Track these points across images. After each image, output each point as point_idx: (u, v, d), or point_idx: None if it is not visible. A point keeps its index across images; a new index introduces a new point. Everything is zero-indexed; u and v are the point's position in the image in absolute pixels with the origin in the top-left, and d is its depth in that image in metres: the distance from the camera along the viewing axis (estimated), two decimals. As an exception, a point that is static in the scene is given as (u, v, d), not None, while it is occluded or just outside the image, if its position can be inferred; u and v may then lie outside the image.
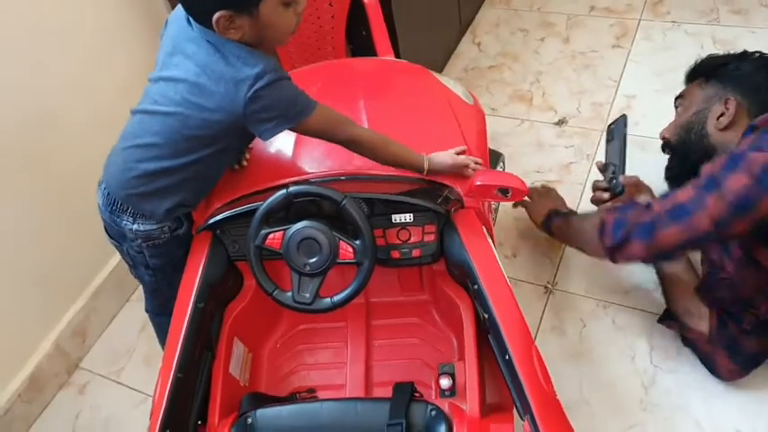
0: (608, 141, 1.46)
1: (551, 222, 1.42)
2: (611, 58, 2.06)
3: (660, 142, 1.41)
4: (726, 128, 1.27)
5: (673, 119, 1.41)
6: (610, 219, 1.16)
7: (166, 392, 1.02)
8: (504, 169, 1.58)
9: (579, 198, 1.68)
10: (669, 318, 1.36)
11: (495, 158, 1.43)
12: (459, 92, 1.32)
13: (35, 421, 1.55)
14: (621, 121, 1.44)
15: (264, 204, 1.02)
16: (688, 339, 1.34)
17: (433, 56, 2.02)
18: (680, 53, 1.99)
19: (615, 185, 1.37)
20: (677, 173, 1.38)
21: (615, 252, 1.15)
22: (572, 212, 1.44)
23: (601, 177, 1.44)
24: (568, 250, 1.58)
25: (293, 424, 1.07)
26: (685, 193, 1.10)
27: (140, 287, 1.73)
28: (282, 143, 1.20)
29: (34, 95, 1.42)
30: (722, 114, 1.27)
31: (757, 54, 1.32)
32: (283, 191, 1.01)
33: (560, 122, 1.56)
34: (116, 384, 1.58)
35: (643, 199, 1.39)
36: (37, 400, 1.56)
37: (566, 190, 1.70)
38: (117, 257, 1.69)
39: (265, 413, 1.07)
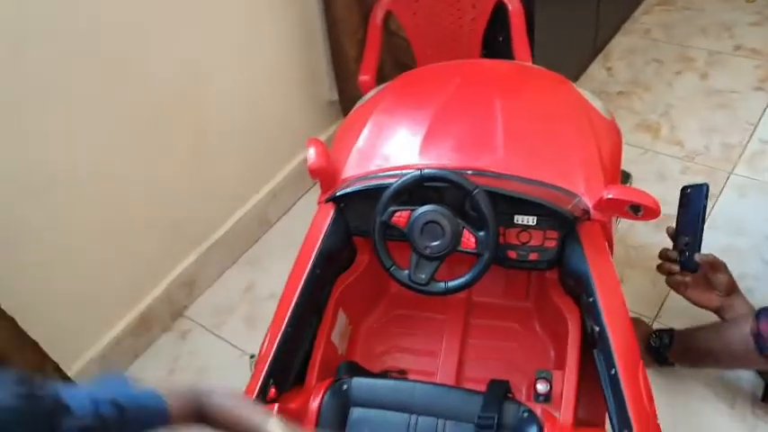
0: (681, 206, 1.35)
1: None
2: (752, 100, 1.97)
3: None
4: None
5: None
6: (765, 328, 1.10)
7: (276, 344, 1.08)
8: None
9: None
10: None
11: (624, 177, 1.42)
12: (598, 106, 1.31)
13: (139, 357, 1.67)
14: (701, 190, 1.31)
15: (397, 182, 1.06)
16: None
17: (563, 74, 2.01)
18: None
19: (688, 261, 1.30)
20: None
21: None
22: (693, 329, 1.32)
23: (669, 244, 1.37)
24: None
25: (387, 398, 1.09)
26: None
27: (250, 249, 1.83)
28: (413, 130, 1.23)
29: (186, 54, 1.53)
30: None
31: None
32: (417, 172, 1.04)
33: None
34: (215, 337, 1.68)
35: (720, 278, 1.31)
36: (143, 337, 1.68)
37: (684, 226, 1.66)
38: (235, 218, 1.80)
39: (361, 382, 1.11)
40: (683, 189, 1.37)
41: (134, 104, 1.45)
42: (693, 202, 1.34)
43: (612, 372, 0.96)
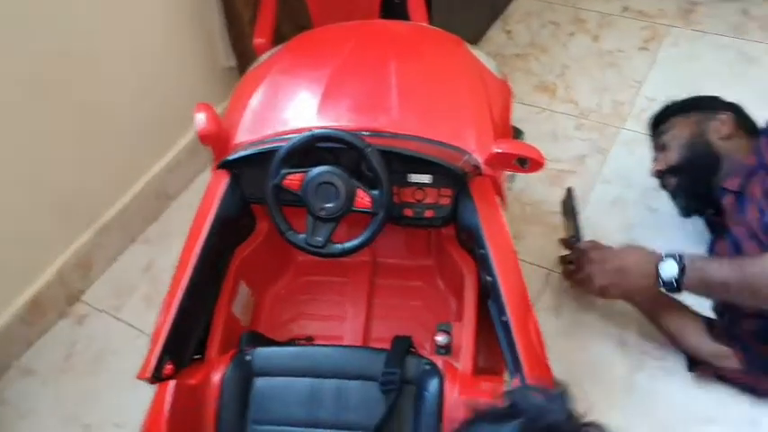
0: (564, 215, 1.49)
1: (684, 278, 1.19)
2: (638, 59, 2.07)
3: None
4: (727, 138, 1.37)
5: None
6: None
7: (171, 317, 1.04)
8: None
9: (590, 190, 1.70)
10: (695, 363, 1.33)
11: (516, 134, 1.45)
12: (491, 66, 1.33)
13: (33, 345, 1.58)
14: (569, 195, 1.49)
15: (288, 144, 1.04)
16: (725, 377, 1.31)
17: (463, 37, 2.03)
18: (705, 63, 2.02)
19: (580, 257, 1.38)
20: (691, 193, 1.41)
21: None
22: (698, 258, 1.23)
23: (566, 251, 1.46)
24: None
25: (291, 365, 1.09)
26: None
27: (150, 226, 1.76)
28: (308, 92, 1.21)
29: (67, 22, 1.43)
30: (722, 126, 1.38)
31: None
32: (308, 133, 1.03)
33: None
34: (114, 319, 1.61)
35: None
36: (37, 324, 1.59)
37: (579, 182, 1.73)
38: (130, 194, 1.72)
39: (264, 352, 1.10)
40: (562, 202, 1.51)
41: (7, 77, 1.34)
42: (568, 207, 1.49)
43: (504, 319, 1.00)
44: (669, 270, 1.20)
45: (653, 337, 1.39)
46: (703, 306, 1.33)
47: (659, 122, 1.52)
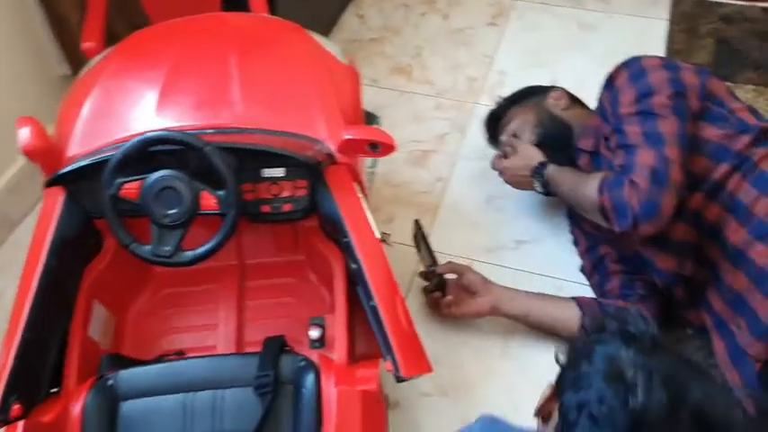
0: (418, 249, 1.47)
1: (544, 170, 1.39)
2: (487, 35, 2.14)
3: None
4: (567, 108, 1.47)
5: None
6: (607, 204, 1.17)
7: (13, 353, 0.96)
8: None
9: (452, 167, 1.75)
10: None
11: (370, 119, 1.45)
12: (335, 51, 1.32)
13: None
14: (418, 227, 1.49)
15: (119, 151, 0.97)
16: None
17: (314, 27, 2.01)
18: (548, 34, 2.12)
19: (441, 282, 1.39)
20: (556, 163, 1.44)
21: (635, 234, 1.16)
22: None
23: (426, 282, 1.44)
24: (442, 215, 1.64)
25: (159, 383, 1.03)
26: (633, 128, 1.19)
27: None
28: (145, 94, 1.14)
29: None
30: (558, 100, 1.48)
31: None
32: (140, 138, 0.97)
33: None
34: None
35: (470, 278, 1.37)
36: None
37: (440, 159, 1.77)
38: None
39: (128, 373, 1.04)
40: (413, 236, 1.49)
41: None
42: (420, 239, 1.47)
43: (372, 304, 1.00)
44: (537, 186, 1.42)
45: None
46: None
47: (497, 120, 1.58)
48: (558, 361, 0.77)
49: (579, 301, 1.34)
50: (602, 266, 1.42)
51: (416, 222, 1.48)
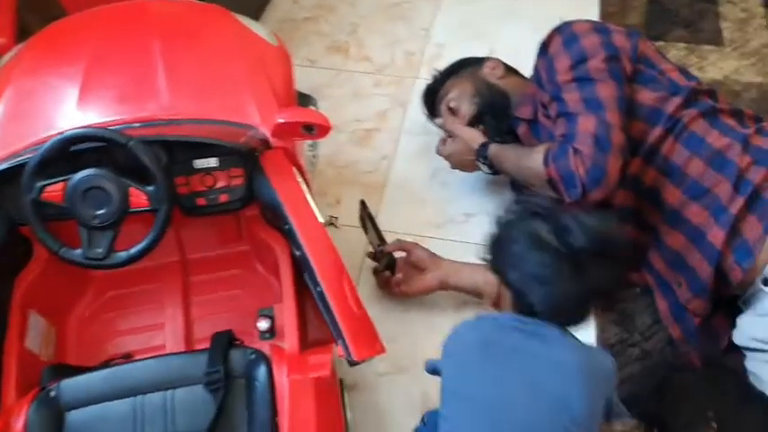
0: (365, 230, 1.44)
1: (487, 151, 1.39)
2: (423, 8, 2.12)
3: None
4: (503, 77, 1.47)
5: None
6: (555, 175, 1.16)
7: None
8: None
9: (396, 144, 1.73)
10: None
11: (305, 101, 1.42)
12: (263, 33, 1.28)
13: None
14: (363, 208, 1.45)
15: (38, 153, 0.92)
16: None
17: (245, 9, 1.95)
18: (484, 3, 2.11)
19: (391, 261, 1.38)
20: (499, 133, 1.45)
21: (585, 201, 1.15)
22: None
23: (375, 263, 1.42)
24: (388, 193, 1.63)
25: (105, 389, 1.00)
26: (572, 96, 1.19)
27: None
28: (64, 90, 1.08)
29: None
30: (493, 69, 1.48)
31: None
32: (59, 137, 0.92)
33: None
34: None
35: (418, 254, 1.36)
36: None
37: (383, 137, 1.76)
38: None
39: (71, 383, 0.99)
40: (359, 218, 1.45)
41: None
42: (366, 221, 1.43)
43: (319, 289, 0.98)
44: (483, 168, 1.43)
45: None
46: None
47: (434, 94, 1.56)
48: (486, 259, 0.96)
49: None
50: None
51: (362, 203, 1.46)
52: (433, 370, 0.97)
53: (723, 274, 1.14)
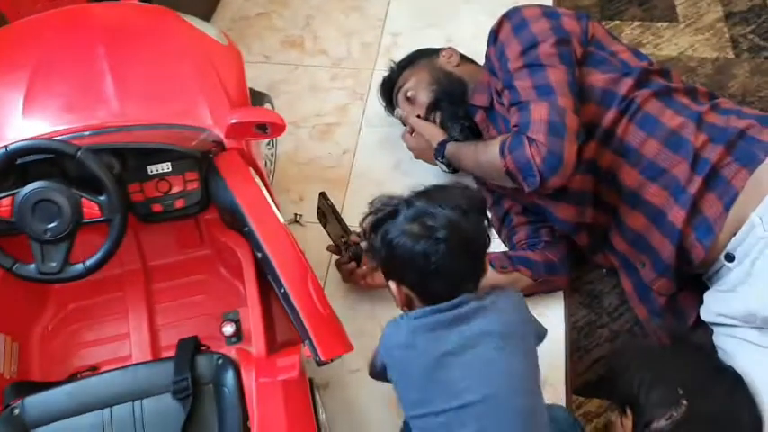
0: (323, 223, 1.41)
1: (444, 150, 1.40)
2: (377, -2, 2.10)
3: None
4: (459, 65, 1.48)
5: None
6: (512, 166, 1.16)
7: None
8: (273, 109, 1.55)
9: (357, 137, 1.73)
10: None
11: (259, 99, 1.40)
12: (212, 33, 1.26)
13: None
14: (323, 198, 1.41)
15: (-19, 168, 0.90)
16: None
17: (196, 9, 1.92)
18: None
19: (356, 252, 1.36)
20: (456, 119, 1.44)
21: (545, 189, 1.16)
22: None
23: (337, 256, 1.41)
24: (352, 186, 1.62)
25: (70, 404, 0.98)
26: (523, 83, 1.19)
27: None
28: (8, 99, 1.05)
29: None
30: (449, 57, 1.49)
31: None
32: (2, 150, 0.89)
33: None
34: None
35: None
36: None
37: (344, 130, 1.75)
38: None
39: (35, 399, 0.98)
40: (317, 211, 1.41)
41: None
42: (326, 212, 1.40)
43: (282, 290, 0.97)
44: (441, 166, 1.44)
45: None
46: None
47: (392, 85, 1.57)
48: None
49: (489, 257, 1.35)
50: (508, 220, 1.44)
51: (322, 195, 1.42)
52: (379, 373, 1.00)
53: (685, 252, 1.15)
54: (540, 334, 1.03)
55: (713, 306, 1.14)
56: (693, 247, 1.13)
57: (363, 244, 1.37)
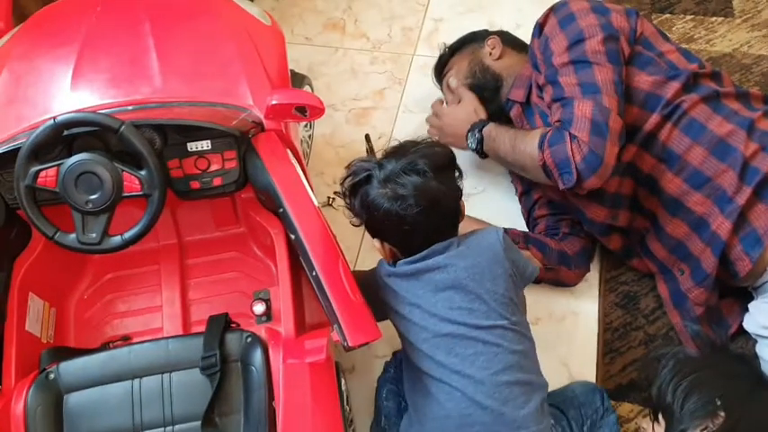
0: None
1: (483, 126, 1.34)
2: (421, -18, 2.08)
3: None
4: (500, 57, 1.44)
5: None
6: (549, 161, 1.13)
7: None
8: (312, 91, 1.56)
9: (393, 123, 1.72)
10: None
11: (299, 81, 1.41)
12: (256, 12, 1.26)
13: None
14: (367, 143, 1.45)
15: (30, 138, 0.92)
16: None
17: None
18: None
19: None
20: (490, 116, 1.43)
21: (580, 188, 1.14)
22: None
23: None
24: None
25: (103, 372, 1.01)
26: (569, 79, 1.16)
27: None
28: (58, 73, 1.07)
29: None
30: (492, 49, 1.45)
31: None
32: (51, 122, 0.91)
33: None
34: None
35: None
36: None
37: (381, 115, 1.74)
38: None
39: (70, 365, 1.00)
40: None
41: None
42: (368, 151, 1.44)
43: (314, 273, 0.98)
44: (471, 142, 1.36)
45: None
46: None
47: (441, 71, 1.55)
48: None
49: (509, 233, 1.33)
50: (533, 210, 1.43)
51: (366, 137, 1.44)
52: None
53: (729, 263, 1.12)
54: (525, 274, 1.07)
55: (759, 318, 1.11)
56: (739, 260, 1.10)
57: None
